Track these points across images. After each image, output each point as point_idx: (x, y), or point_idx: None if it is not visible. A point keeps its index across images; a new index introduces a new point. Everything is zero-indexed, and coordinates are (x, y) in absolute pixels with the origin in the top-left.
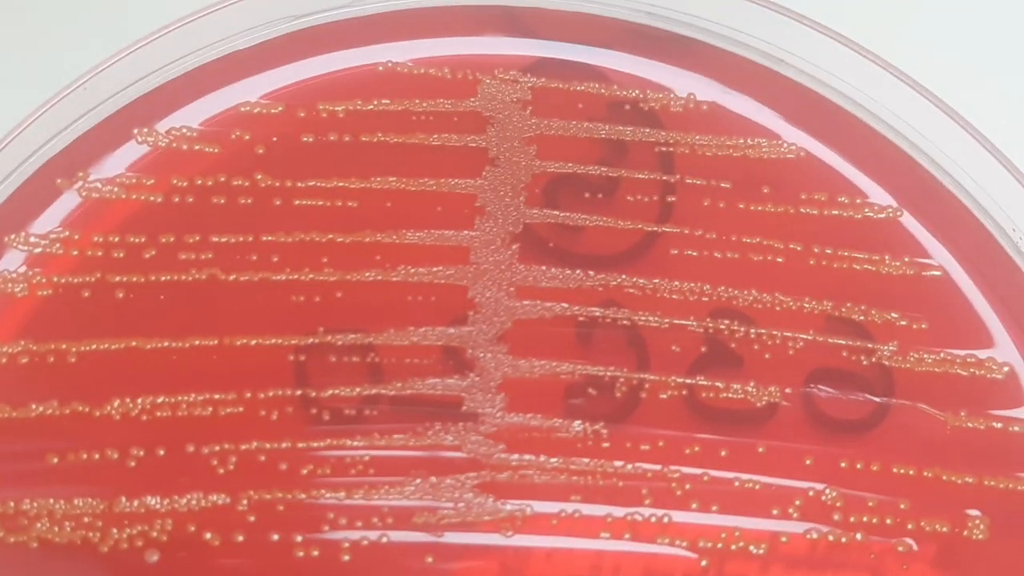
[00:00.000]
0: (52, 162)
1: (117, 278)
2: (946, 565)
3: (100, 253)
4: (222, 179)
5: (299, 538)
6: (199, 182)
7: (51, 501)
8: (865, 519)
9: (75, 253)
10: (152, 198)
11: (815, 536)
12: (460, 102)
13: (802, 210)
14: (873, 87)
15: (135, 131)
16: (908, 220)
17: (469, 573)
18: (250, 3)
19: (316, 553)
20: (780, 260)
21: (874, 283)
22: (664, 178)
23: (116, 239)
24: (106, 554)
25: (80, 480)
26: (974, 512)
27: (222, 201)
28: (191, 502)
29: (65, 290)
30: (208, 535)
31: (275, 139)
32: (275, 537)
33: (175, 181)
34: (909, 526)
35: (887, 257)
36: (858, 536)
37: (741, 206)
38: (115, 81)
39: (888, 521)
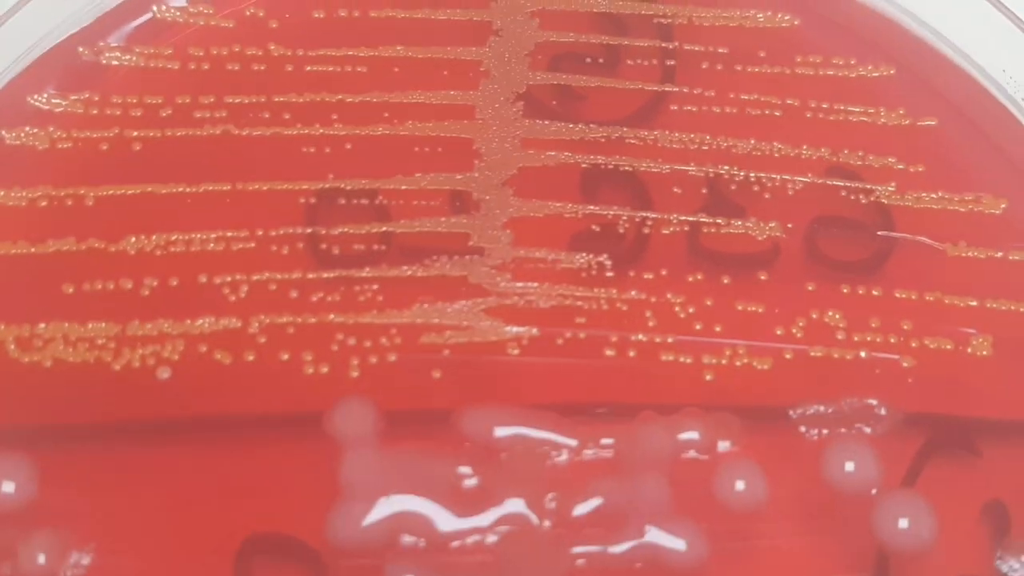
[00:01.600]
0: (76, 34)
1: (135, 133)
2: (951, 380)
3: (118, 112)
4: (237, 49)
5: (308, 356)
6: (214, 51)
7: (65, 324)
8: (869, 338)
9: (95, 112)
10: (169, 66)
11: (819, 354)
12: None
13: (798, 71)
14: None
15: (154, 7)
16: (901, 77)
17: (476, 388)
18: None
19: (325, 370)
20: (777, 114)
21: (870, 133)
22: (663, 45)
23: (134, 100)
24: (118, 372)
25: (94, 307)
26: (977, 331)
27: (236, 68)
28: (203, 326)
29: (84, 144)
30: (219, 355)
31: (287, 15)
32: (285, 356)
33: (191, 51)
34: (913, 344)
35: (882, 109)
36: (862, 354)
37: (738, 68)
38: None
39: (892, 340)
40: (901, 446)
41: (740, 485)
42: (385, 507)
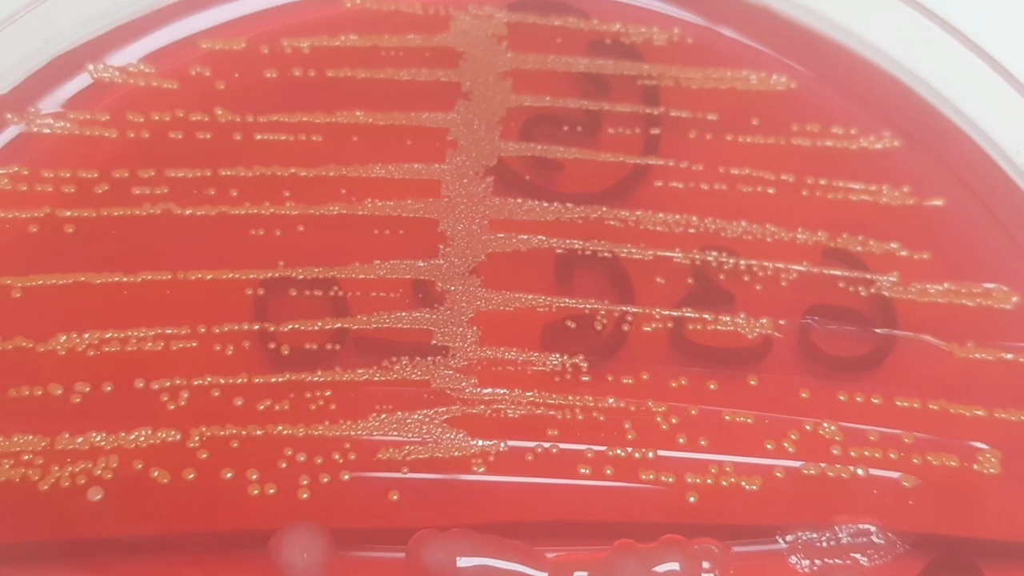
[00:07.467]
0: (2, 98)
1: (67, 213)
2: (956, 501)
3: (49, 188)
4: (180, 114)
5: (254, 475)
6: (156, 118)
7: None
8: (867, 453)
9: (23, 188)
10: (106, 134)
11: (813, 472)
12: (431, 37)
13: (794, 141)
14: (865, 12)
15: (89, 66)
16: (907, 150)
17: (437, 511)
18: None
19: (272, 491)
20: (771, 192)
21: (872, 214)
22: (648, 111)
23: (67, 174)
24: (46, 492)
25: (20, 417)
26: (984, 446)
27: (179, 136)
28: (139, 439)
29: (11, 226)
30: (156, 472)
31: (237, 75)
32: (228, 475)
33: (130, 117)
34: (915, 460)
35: (885, 187)
36: (859, 471)
37: (729, 138)
38: (70, 15)
39: (892, 455)
40: (901, 574)
41: None
42: None
